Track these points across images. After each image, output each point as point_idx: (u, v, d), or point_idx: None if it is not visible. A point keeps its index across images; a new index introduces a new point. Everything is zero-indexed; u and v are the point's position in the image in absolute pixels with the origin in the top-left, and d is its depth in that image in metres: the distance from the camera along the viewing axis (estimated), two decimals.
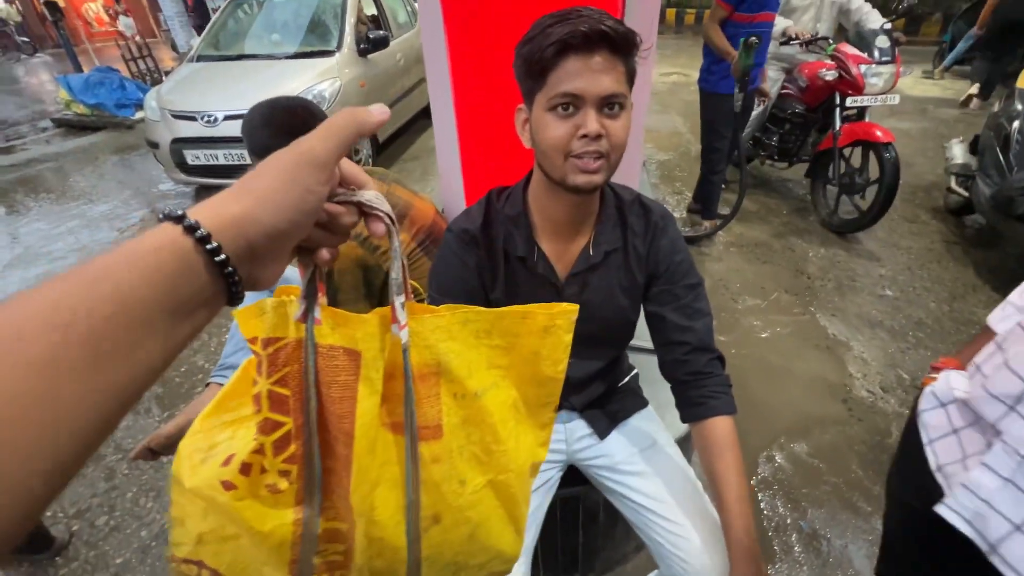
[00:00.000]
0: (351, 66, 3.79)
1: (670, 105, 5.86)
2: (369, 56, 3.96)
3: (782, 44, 2.80)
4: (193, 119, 3.30)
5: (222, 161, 3.35)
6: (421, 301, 1.07)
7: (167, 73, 5.58)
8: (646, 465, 0.94)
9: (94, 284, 0.22)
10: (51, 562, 1.43)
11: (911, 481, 0.70)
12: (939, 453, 0.65)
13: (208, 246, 0.25)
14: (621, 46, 0.64)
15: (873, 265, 2.66)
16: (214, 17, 4.40)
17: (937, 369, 0.73)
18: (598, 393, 1.01)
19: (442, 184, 1.35)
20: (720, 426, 0.80)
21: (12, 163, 4.85)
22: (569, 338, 0.48)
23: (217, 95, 3.44)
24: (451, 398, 0.45)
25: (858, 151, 2.77)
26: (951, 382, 0.67)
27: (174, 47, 7.84)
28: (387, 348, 0.41)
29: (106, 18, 9.31)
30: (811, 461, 1.64)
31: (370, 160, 4.01)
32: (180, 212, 0.26)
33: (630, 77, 0.68)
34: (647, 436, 0.99)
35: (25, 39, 10.35)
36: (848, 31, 2.84)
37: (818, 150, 2.93)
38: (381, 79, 4.10)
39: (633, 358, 1.15)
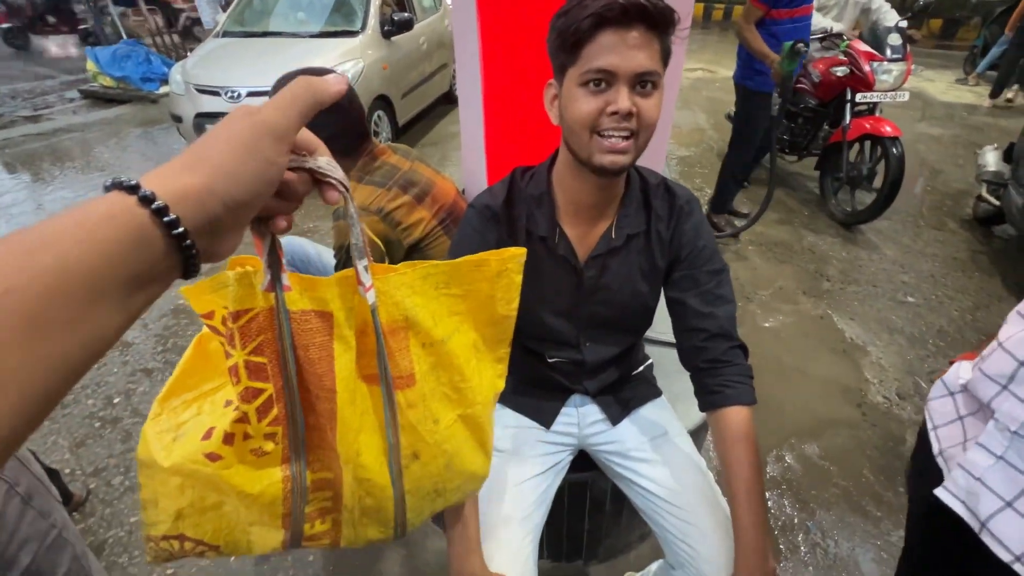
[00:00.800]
0: (374, 47, 3.78)
1: (693, 101, 5.76)
2: (393, 38, 3.94)
3: (821, 43, 2.80)
4: (217, 94, 3.32)
5: None
6: (383, 260, 1.07)
7: (191, 49, 5.63)
8: (656, 453, 0.94)
9: (32, 254, 0.21)
10: (69, 517, 1.47)
11: (919, 470, 0.70)
12: (942, 438, 0.66)
13: (165, 218, 0.24)
14: (659, 22, 0.63)
15: (896, 270, 2.60)
16: None
17: (953, 363, 0.73)
18: (612, 379, 1.00)
19: (464, 164, 1.34)
20: (736, 416, 0.79)
21: (39, 132, 4.93)
22: (519, 279, 0.52)
23: (241, 71, 3.45)
24: (420, 348, 0.48)
25: (867, 146, 2.79)
26: (960, 371, 0.67)
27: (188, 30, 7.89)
28: (356, 307, 0.43)
29: None
30: (821, 463, 1.62)
31: (390, 142, 4.02)
32: (133, 181, 0.24)
33: (665, 56, 0.67)
34: (658, 425, 0.98)
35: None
36: (863, 29, 2.83)
37: (828, 144, 2.97)
38: (403, 62, 4.09)
39: (648, 349, 1.14)
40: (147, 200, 0.24)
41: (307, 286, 0.40)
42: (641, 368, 1.08)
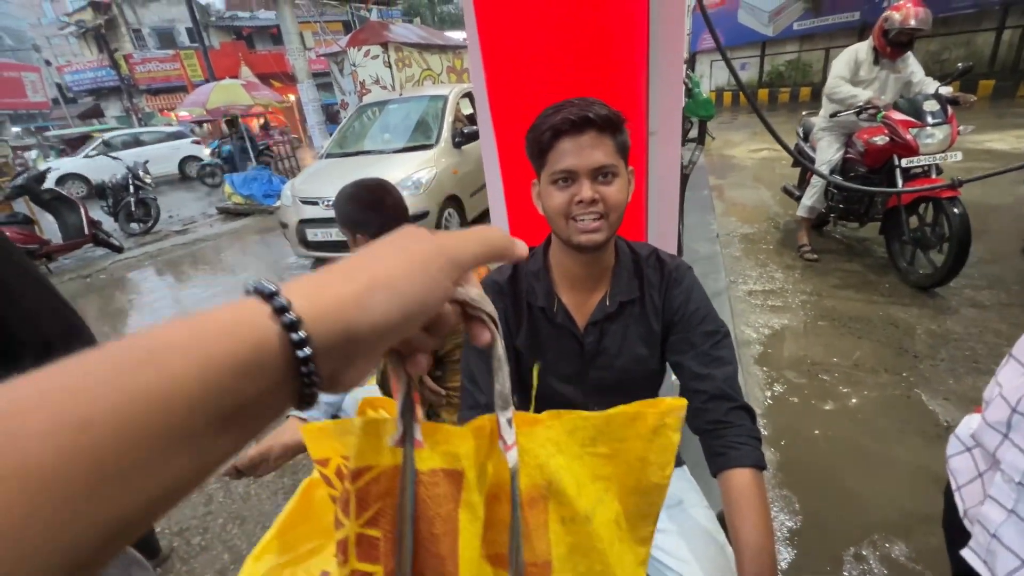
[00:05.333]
0: (446, 156, 4.34)
1: (759, 179, 5.76)
2: (462, 148, 4.50)
3: (857, 114, 2.90)
4: (316, 203, 3.95)
5: (335, 237, 3.92)
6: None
7: None
8: (670, 523, 0.91)
9: (128, 372, 0.17)
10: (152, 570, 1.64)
11: (951, 536, 0.64)
12: (966, 498, 0.60)
13: (294, 335, 0.21)
14: (606, 126, 0.77)
15: (997, 342, 2.30)
16: (342, 123, 5.35)
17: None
18: None
19: None
20: (739, 478, 0.78)
21: (184, 242, 6.06)
22: (678, 437, 0.44)
23: (336, 183, 4.08)
24: (559, 524, 0.40)
25: (929, 208, 2.71)
26: (971, 424, 0.63)
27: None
28: (490, 466, 0.36)
29: (270, 125, 12.01)
30: (911, 565, 1.39)
31: None
32: (272, 287, 0.22)
33: (621, 148, 0.79)
34: (674, 495, 0.96)
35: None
36: (899, 100, 2.88)
37: (887, 208, 2.97)
38: (471, 166, 4.62)
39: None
40: (280, 310, 0.21)
41: (440, 438, 0.35)
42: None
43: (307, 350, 0.21)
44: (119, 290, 4.69)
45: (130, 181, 6.28)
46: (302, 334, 0.21)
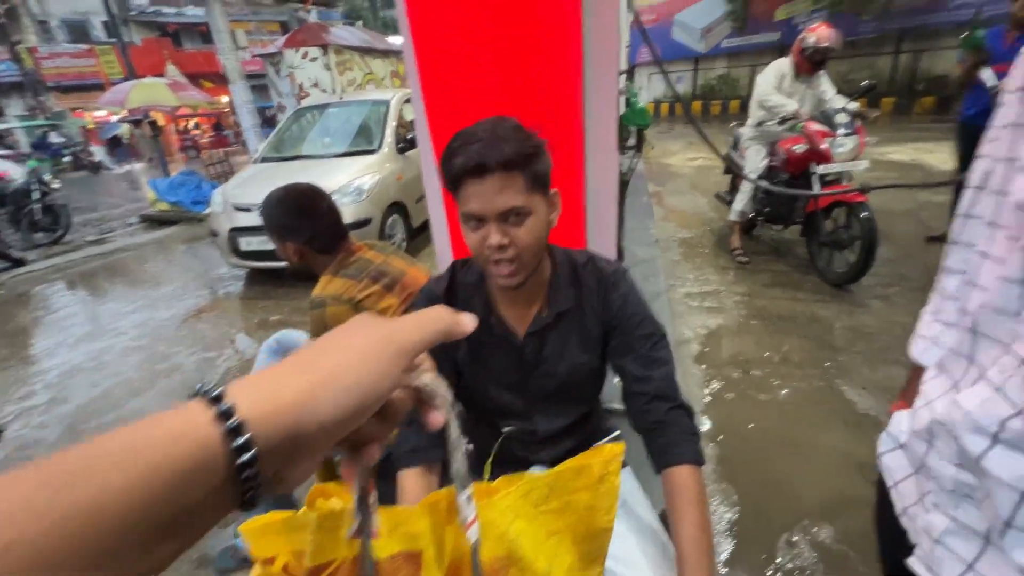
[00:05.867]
0: (390, 162, 4.24)
1: (696, 186, 6.06)
2: (406, 153, 4.42)
3: (780, 123, 3.18)
4: (249, 210, 3.74)
5: (269, 246, 3.71)
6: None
7: None
8: (616, 524, 0.92)
9: (63, 488, 0.16)
10: None
11: (885, 533, 0.67)
12: (903, 495, 0.63)
13: (235, 442, 0.20)
14: (513, 165, 0.72)
15: (905, 335, 2.51)
16: (278, 126, 5.11)
17: (892, 412, 0.72)
18: (568, 448, 1.01)
19: (437, 251, 1.48)
20: (679, 475, 0.79)
21: (100, 252, 5.54)
22: (619, 481, 0.46)
23: (271, 188, 3.89)
24: None
25: (843, 211, 2.99)
26: (900, 422, 0.66)
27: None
28: (448, 540, 0.37)
29: (201, 128, 11.21)
30: (837, 547, 1.48)
31: (404, 244, 4.33)
32: (218, 391, 0.21)
33: (535, 181, 0.75)
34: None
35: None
36: (815, 113, 3.22)
37: (807, 212, 3.21)
38: (416, 172, 4.53)
39: (619, 423, 1.15)
40: (224, 415, 0.20)
41: (398, 521, 0.35)
42: (604, 441, 1.09)
43: (248, 454, 0.20)
44: (21, 307, 4.21)
45: (33, 186, 5.68)
46: (244, 438, 0.20)
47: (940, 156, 6.25)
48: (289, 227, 1.22)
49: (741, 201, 3.58)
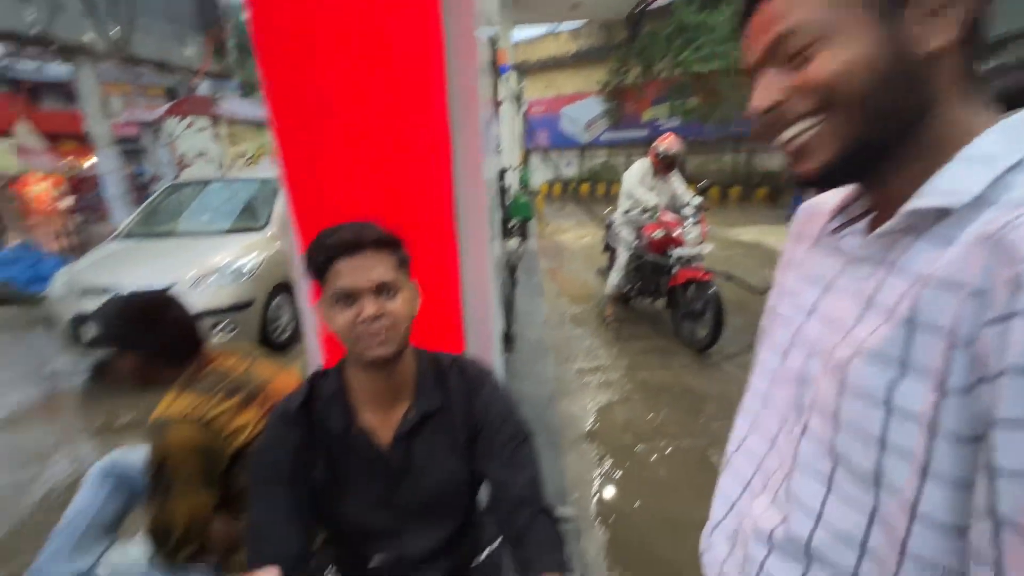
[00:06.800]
0: (279, 240, 4.05)
1: (587, 260, 6.54)
2: None
3: (642, 213, 3.79)
4: (104, 293, 3.29)
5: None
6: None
7: None
8: None
9: None
10: None
11: None
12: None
13: None
14: (383, 244, 0.79)
15: None
16: (149, 198, 4.69)
17: None
18: (446, 569, 0.96)
19: (307, 349, 1.41)
20: None
21: None
22: None
23: (137, 269, 3.48)
24: None
25: (695, 287, 3.50)
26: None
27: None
28: None
29: (49, 198, 9.70)
30: None
31: (292, 325, 4.05)
32: None
33: (401, 264, 0.82)
34: None
35: None
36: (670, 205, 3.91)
37: (669, 287, 3.69)
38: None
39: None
40: None
41: None
42: (485, 553, 1.05)
43: None
44: None
45: None
46: None
47: (778, 238, 7.49)
48: (130, 338, 1.10)
49: (616, 276, 4.12)
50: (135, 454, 1.35)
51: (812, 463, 0.48)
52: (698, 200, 3.70)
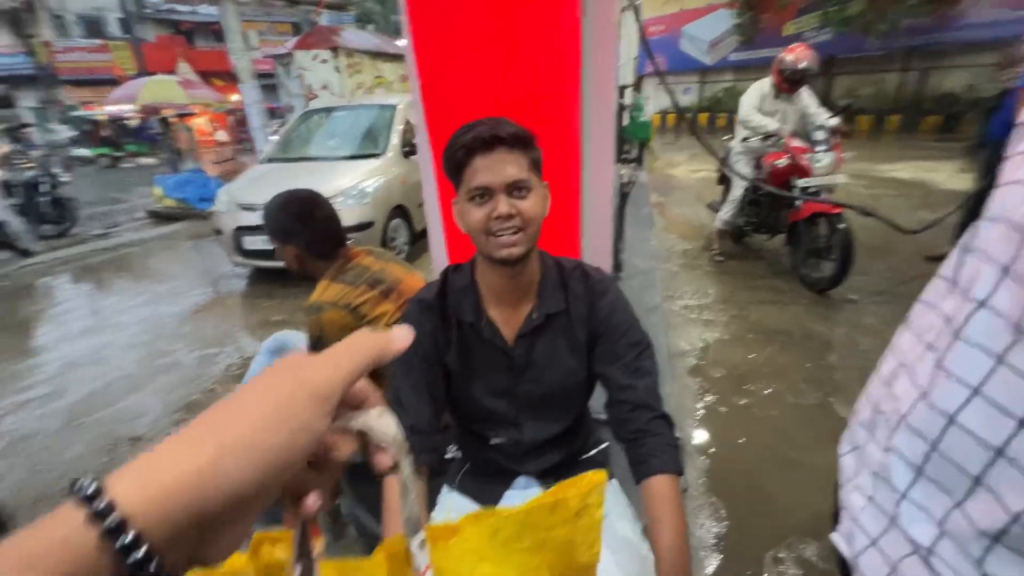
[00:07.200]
0: (395, 166, 4.28)
1: (700, 197, 6.07)
2: (411, 157, 4.46)
3: (763, 139, 3.36)
4: (253, 209, 3.78)
5: (272, 246, 3.76)
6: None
7: None
8: None
9: None
10: None
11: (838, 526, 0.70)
12: (847, 492, 0.66)
13: (120, 541, 0.18)
14: (516, 143, 0.79)
15: None
16: (284, 127, 5.16)
17: None
18: (556, 461, 1.02)
19: (432, 259, 1.51)
20: (658, 484, 0.80)
21: (106, 247, 5.60)
22: (601, 513, 0.43)
23: (276, 189, 3.90)
24: None
25: (824, 222, 3.13)
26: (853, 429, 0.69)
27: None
28: None
29: (208, 130, 11.23)
30: (822, 565, 1.49)
31: (406, 248, 4.36)
32: (95, 488, 0.19)
33: (534, 164, 0.82)
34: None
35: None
36: (798, 129, 3.39)
37: (790, 222, 3.40)
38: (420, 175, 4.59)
39: (606, 433, 1.16)
40: (99, 516, 0.18)
41: (346, 572, 0.32)
42: (593, 452, 1.10)
43: (140, 553, 0.18)
44: (25, 299, 4.26)
45: (41, 179, 5.74)
46: (130, 536, 0.18)
47: (943, 175, 6.26)
48: (289, 232, 1.25)
49: (729, 209, 3.79)
50: (294, 335, 1.59)
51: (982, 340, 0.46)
52: (834, 122, 3.18)
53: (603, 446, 1.13)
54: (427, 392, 0.93)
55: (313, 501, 0.27)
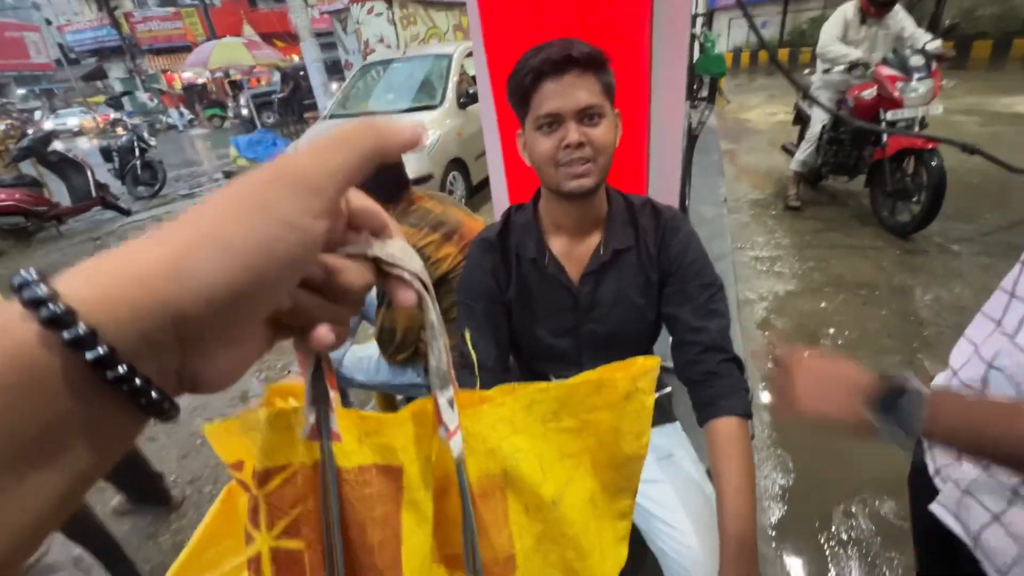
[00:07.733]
0: (451, 117, 4.24)
1: (775, 143, 5.58)
2: (468, 108, 4.40)
3: (848, 70, 2.97)
4: None
5: None
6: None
7: None
8: (661, 473, 0.93)
9: None
10: (166, 516, 1.72)
11: (917, 493, 0.65)
12: (937, 457, 0.61)
13: (67, 333, 0.15)
14: (589, 65, 0.73)
15: None
16: (344, 83, 5.23)
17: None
18: None
19: (494, 204, 1.50)
20: (726, 425, 0.78)
21: (191, 204, 6.06)
22: (651, 401, 0.39)
23: None
24: (523, 514, 0.35)
25: (912, 160, 2.80)
26: (942, 383, 0.63)
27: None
28: (436, 455, 0.31)
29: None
30: (898, 523, 1.42)
31: (463, 200, 4.38)
32: (30, 276, 0.15)
33: (606, 89, 0.76)
34: (664, 448, 0.98)
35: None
36: (888, 55, 2.93)
37: (873, 162, 3.07)
38: (477, 127, 4.49)
39: (669, 380, 1.14)
40: (34, 303, 0.15)
41: (370, 428, 0.29)
42: (658, 394, 1.09)
43: (100, 349, 0.15)
44: None
45: (135, 143, 6.24)
46: (80, 329, 0.15)
47: None
48: None
49: (804, 151, 3.47)
50: None
51: None
52: (936, 44, 2.77)
53: (666, 390, 1.11)
54: (490, 331, 0.93)
55: (324, 333, 0.23)
